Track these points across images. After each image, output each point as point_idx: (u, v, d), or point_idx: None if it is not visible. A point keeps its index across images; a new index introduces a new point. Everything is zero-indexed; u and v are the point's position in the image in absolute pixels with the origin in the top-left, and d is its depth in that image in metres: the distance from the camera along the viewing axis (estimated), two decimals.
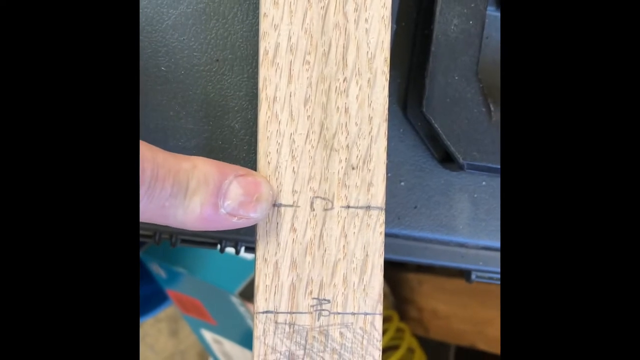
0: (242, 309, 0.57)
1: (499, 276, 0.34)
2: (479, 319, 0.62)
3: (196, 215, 0.23)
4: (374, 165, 0.26)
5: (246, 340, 0.66)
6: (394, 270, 0.67)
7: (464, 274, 0.35)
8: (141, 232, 0.32)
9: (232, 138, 0.29)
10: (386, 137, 0.26)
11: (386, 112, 0.26)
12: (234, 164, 0.29)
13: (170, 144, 0.29)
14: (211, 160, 0.24)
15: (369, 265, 0.26)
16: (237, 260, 0.57)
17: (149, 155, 0.22)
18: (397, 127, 0.31)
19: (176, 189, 0.23)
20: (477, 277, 0.34)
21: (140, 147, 0.22)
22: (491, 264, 0.33)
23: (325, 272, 0.26)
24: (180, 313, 0.74)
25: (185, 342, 0.82)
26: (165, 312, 0.80)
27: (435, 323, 0.66)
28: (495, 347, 0.62)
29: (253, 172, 0.25)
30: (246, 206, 0.24)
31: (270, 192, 0.25)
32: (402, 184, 0.31)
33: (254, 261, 0.26)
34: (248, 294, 0.55)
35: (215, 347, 0.72)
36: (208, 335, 0.72)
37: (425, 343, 0.67)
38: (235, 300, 0.56)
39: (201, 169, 0.24)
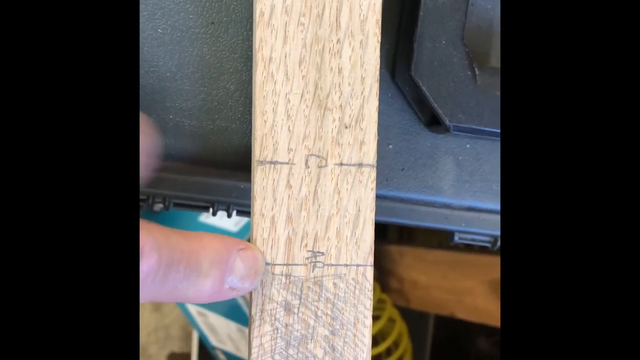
0: None
1: (481, 237, 0.36)
2: (458, 289, 0.64)
3: (206, 293, 0.24)
4: (365, 124, 0.27)
5: (230, 312, 0.67)
6: (375, 242, 0.68)
7: (447, 235, 0.36)
8: None
9: (227, 99, 0.30)
10: (377, 97, 0.27)
11: (377, 72, 0.27)
12: (229, 124, 0.30)
13: (167, 104, 0.29)
14: (216, 235, 0.25)
15: (361, 219, 0.27)
16: (222, 233, 0.58)
17: (163, 241, 0.22)
18: (386, 92, 0.32)
19: (189, 271, 0.23)
20: (460, 238, 0.36)
21: (154, 231, 0.22)
22: (474, 225, 0.35)
23: (319, 227, 0.27)
24: None
25: (169, 316, 0.83)
26: None
27: (416, 293, 0.68)
28: (473, 316, 0.63)
29: (250, 245, 0.26)
30: (245, 279, 0.25)
31: (264, 264, 0.26)
32: (390, 146, 0.32)
33: (249, 221, 0.27)
34: None
35: (199, 320, 0.73)
36: (192, 308, 0.72)
37: (406, 313, 0.68)
38: None
39: (210, 248, 0.24)
